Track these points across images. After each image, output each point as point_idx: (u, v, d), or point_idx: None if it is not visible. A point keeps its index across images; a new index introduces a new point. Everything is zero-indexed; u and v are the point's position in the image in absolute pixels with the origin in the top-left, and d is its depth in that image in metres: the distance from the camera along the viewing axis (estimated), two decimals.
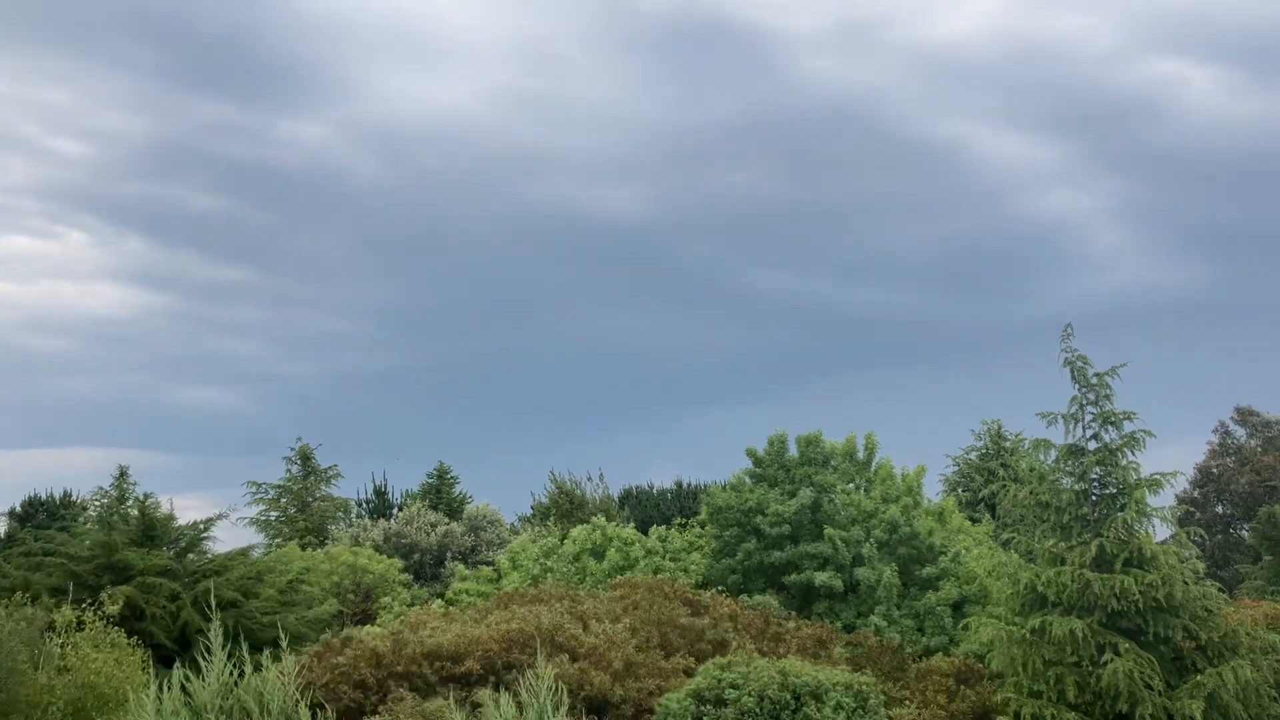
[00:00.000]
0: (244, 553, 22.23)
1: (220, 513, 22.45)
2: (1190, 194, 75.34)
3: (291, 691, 5.80)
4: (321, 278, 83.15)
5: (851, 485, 24.50)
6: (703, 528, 25.85)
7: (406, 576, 30.68)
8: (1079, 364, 15.54)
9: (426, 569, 34.30)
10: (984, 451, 38.95)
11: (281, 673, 5.89)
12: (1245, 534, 36.22)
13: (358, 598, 27.50)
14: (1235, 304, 75.68)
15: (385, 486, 45.22)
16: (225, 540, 39.00)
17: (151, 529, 20.72)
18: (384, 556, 30.10)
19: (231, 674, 5.91)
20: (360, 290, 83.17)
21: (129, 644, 14.52)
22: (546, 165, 78.96)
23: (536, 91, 76.96)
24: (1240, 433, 41.55)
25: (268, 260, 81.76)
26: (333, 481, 40.93)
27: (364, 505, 43.87)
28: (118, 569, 19.36)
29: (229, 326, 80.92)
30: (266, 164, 76.41)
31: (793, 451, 24.88)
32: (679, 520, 28.73)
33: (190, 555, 21.16)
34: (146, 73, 73.00)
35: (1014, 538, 16.38)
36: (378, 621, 23.11)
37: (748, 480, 24.73)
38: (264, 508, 39.34)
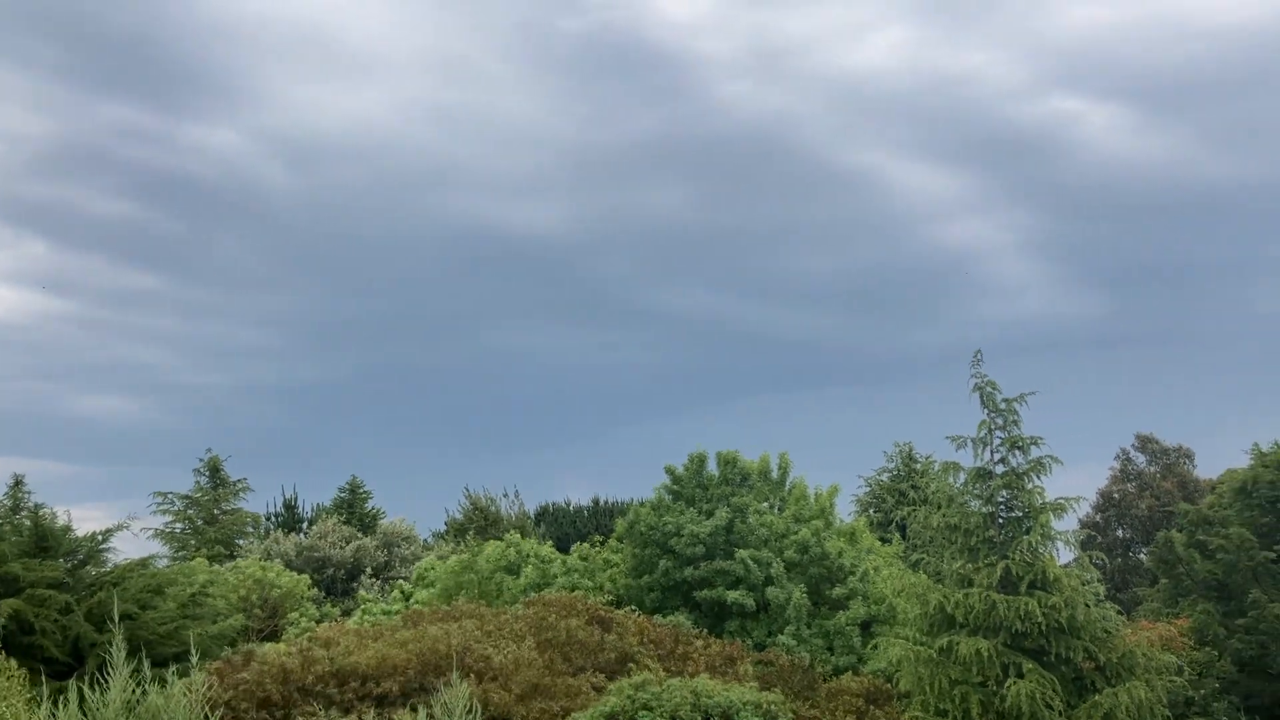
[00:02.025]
0: (142, 563, 21.49)
1: (120, 523, 21.63)
2: (1091, 227, 77.94)
3: (200, 708, 5.62)
4: (231, 287, 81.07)
5: (766, 505, 24.72)
6: (620, 542, 25.82)
7: (315, 592, 30.04)
8: (988, 389, 15.93)
9: (339, 584, 33.66)
10: (895, 473, 39.58)
11: (189, 689, 5.70)
12: (1144, 558, 37.42)
13: (265, 613, 26.84)
14: (1136, 334, 78.40)
15: (295, 500, 44.33)
16: (129, 553, 37.61)
17: (44, 540, 19.93)
18: (293, 572, 29.45)
19: (134, 691, 5.69)
20: (270, 301, 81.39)
21: (9, 667, 13.92)
22: (462, 179, 78.43)
23: (452, 105, 76.43)
24: (1140, 459, 42.97)
25: (176, 268, 79.49)
26: (242, 494, 39.93)
27: (273, 519, 42.90)
28: (5, 581, 18.60)
29: (134, 334, 78.47)
30: (174, 169, 74.32)
31: (712, 469, 25.02)
32: (596, 538, 28.63)
33: (88, 567, 20.40)
34: (49, 72, 70.53)
35: (923, 559, 16.70)
36: (284, 638, 22.56)
37: (666, 497, 24.79)
38: (170, 519, 38.19)
